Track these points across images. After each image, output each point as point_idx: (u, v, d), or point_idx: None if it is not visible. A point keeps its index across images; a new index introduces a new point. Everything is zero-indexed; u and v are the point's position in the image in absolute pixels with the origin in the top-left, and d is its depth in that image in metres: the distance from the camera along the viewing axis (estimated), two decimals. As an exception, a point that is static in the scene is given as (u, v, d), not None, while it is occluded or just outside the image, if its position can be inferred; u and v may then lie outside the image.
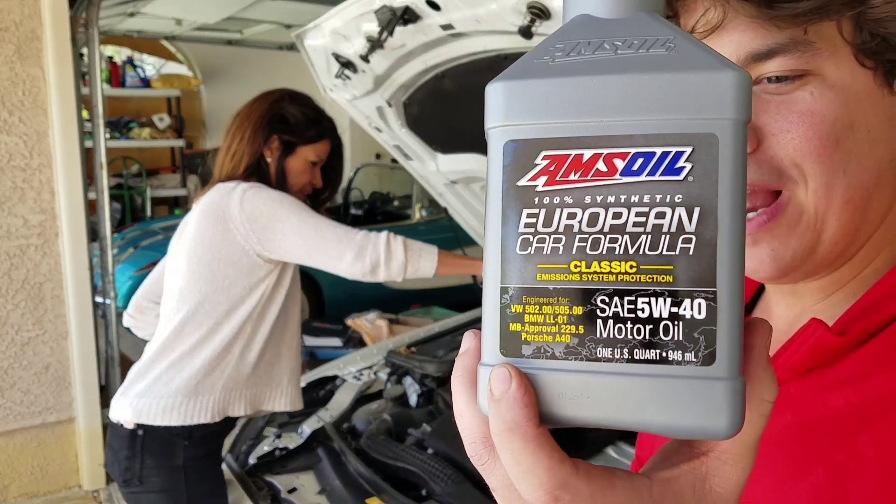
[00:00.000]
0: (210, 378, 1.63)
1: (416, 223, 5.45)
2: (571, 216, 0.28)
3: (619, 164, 0.27)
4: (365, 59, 1.84)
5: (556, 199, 0.28)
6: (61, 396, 3.16)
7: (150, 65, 8.03)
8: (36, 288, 3.06)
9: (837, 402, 0.49)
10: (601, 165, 0.28)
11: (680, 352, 0.27)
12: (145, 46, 7.67)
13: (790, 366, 0.51)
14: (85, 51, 3.23)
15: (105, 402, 3.29)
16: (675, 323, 0.27)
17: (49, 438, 3.19)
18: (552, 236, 0.28)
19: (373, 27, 1.70)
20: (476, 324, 2.69)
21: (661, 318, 0.27)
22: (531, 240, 0.28)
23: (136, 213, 7.33)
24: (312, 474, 1.94)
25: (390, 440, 1.89)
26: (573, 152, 0.28)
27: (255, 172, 1.71)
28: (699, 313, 0.27)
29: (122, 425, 1.64)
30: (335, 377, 2.46)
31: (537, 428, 0.29)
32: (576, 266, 0.28)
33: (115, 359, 3.31)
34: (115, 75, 7.11)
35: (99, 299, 3.36)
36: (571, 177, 0.28)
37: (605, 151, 0.27)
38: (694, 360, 0.27)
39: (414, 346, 2.52)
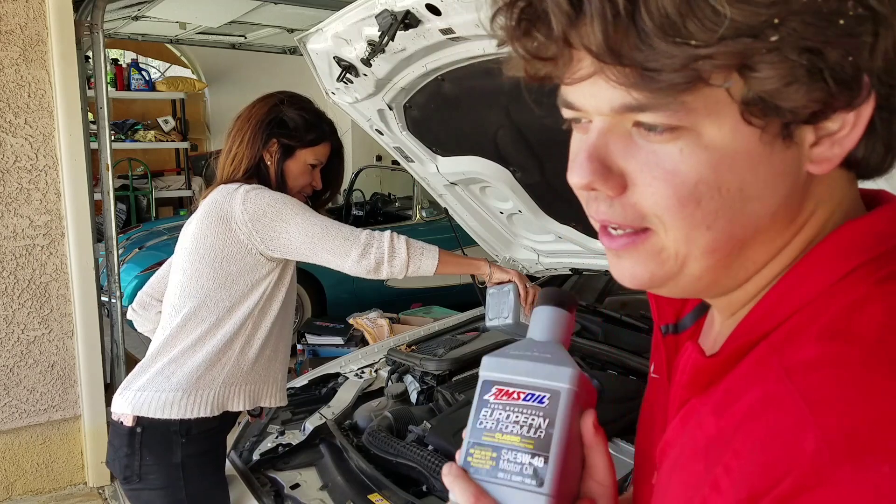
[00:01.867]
0: (210, 373, 1.66)
1: (416, 223, 5.48)
2: (500, 414, 0.59)
3: (522, 396, 0.59)
4: (366, 62, 1.87)
5: (497, 406, 0.59)
6: (67, 394, 3.20)
7: (154, 68, 8.07)
8: (42, 287, 3.09)
9: (711, 427, 0.49)
10: (514, 396, 0.59)
11: (530, 480, 0.56)
12: (150, 50, 7.71)
13: (683, 384, 0.54)
14: (90, 54, 3.27)
15: (110, 399, 3.32)
16: (530, 466, 0.56)
17: (54, 436, 3.22)
18: (490, 421, 0.59)
19: (374, 31, 1.73)
20: (473, 323, 2.72)
21: (524, 464, 0.56)
22: (483, 421, 0.59)
23: (141, 214, 7.37)
24: (315, 470, 1.96)
25: (391, 437, 1.91)
26: (506, 388, 0.60)
27: (256, 175, 1.74)
28: (540, 464, 0.56)
29: (121, 423, 1.67)
30: (337, 375, 2.48)
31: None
32: (497, 435, 0.58)
33: (121, 357, 3.35)
34: (120, 78, 7.15)
35: (104, 298, 3.39)
36: (503, 398, 0.59)
37: (517, 390, 0.59)
38: (535, 484, 0.55)
39: (414, 345, 2.54)
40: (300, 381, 2.49)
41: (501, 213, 2.52)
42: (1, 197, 2.97)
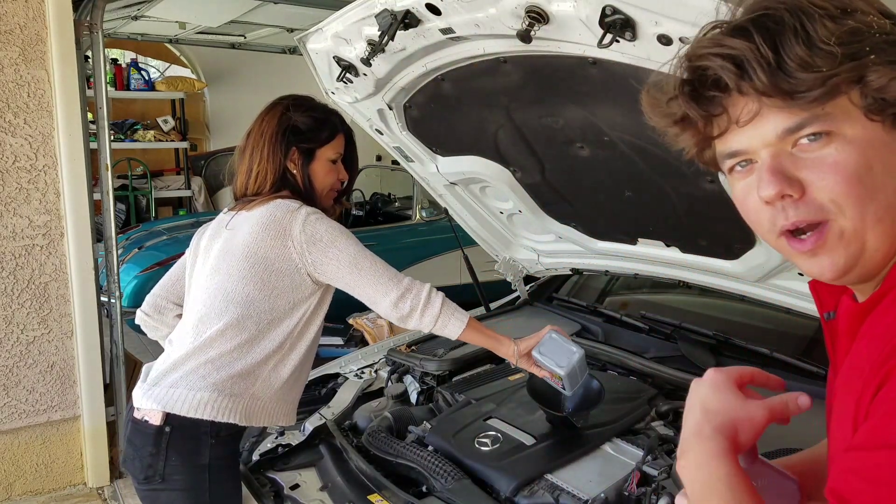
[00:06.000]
0: (245, 381, 1.66)
1: (416, 223, 5.48)
2: None
3: None
4: (366, 62, 1.87)
5: None
6: (66, 395, 3.20)
7: (154, 68, 8.07)
8: (41, 287, 3.09)
9: (861, 350, 0.68)
10: None
11: None
12: (149, 49, 7.71)
13: (841, 331, 0.75)
14: (89, 53, 3.26)
15: (109, 400, 3.32)
16: None
17: (54, 436, 3.22)
18: None
19: (374, 31, 1.73)
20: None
21: None
22: None
23: (141, 214, 7.36)
24: (314, 471, 1.96)
25: (391, 437, 1.91)
26: None
27: (284, 185, 1.75)
28: None
29: (147, 421, 1.64)
30: (337, 375, 2.48)
31: None
32: None
33: (120, 357, 3.34)
34: (120, 78, 7.15)
35: (104, 299, 3.39)
36: None
37: None
38: None
39: (414, 345, 2.54)
40: (300, 382, 2.49)
41: (501, 213, 2.52)
42: (0, 197, 2.97)
